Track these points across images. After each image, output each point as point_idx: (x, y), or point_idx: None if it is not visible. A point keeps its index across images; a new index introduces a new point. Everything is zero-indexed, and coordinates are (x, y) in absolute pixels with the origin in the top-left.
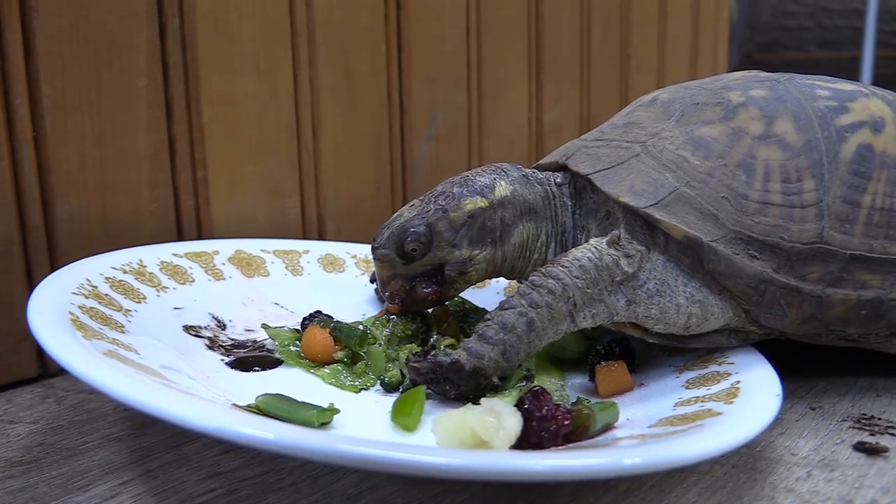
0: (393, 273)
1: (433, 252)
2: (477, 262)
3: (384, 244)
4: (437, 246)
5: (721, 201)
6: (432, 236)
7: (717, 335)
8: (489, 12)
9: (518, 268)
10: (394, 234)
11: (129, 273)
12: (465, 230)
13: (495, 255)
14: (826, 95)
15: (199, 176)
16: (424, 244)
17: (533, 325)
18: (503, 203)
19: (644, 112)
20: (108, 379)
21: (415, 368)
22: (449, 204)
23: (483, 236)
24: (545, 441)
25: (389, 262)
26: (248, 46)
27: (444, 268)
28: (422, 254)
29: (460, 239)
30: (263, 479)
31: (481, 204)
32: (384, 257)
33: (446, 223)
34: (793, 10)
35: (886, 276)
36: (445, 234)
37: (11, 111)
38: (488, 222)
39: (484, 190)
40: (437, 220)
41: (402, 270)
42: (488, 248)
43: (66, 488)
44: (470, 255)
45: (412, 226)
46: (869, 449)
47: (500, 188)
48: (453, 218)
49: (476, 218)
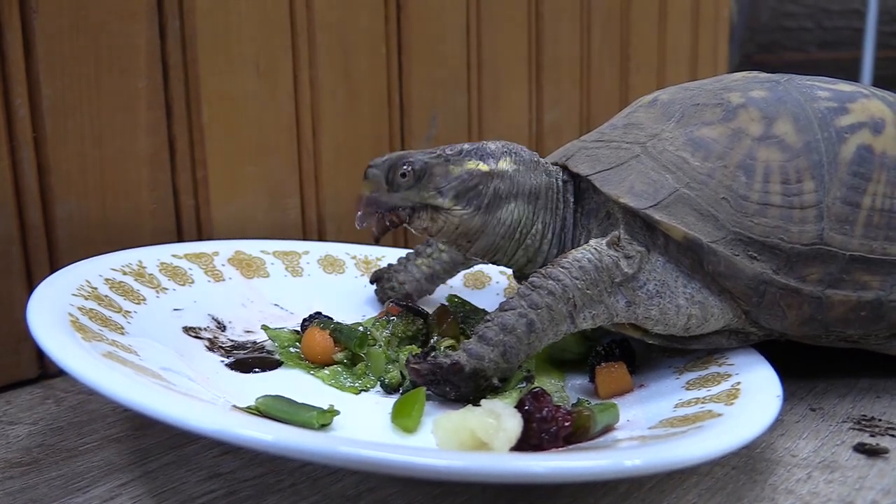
0: (374, 197)
1: (418, 189)
2: (452, 216)
3: (378, 165)
4: (424, 185)
5: (721, 202)
6: (425, 174)
7: (716, 336)
8: (489, 13)
9: (503, 248)
10: (391, 159)
11: (129, 274)
12: (456, 183)
13: (473, 220)
14: (826, 96)
15: (199, 176)
16: (414, 176)
17: (533, 327)
18: (502, 175)
19: (644, 113)
20: (107, 381)
21: (415, 370)
22: (453, 156)
23: (471, 197)
24: (545, 442)
25: (375, 183)
26: (248, 47)
27: (419, 210)
28: (407, 185)
29: (449, 189)
30: (263, 481)
31: (482, 168)
32: (373, 176)
33: (443, 170)
34: (793, 11)
35: (886, 278)
36: (438, 178)
37: (11, 112)
38: (481, 186)
39: (489, 158)
40: (436, 163)
41: (384, 197)
42: (470, 210)
43: (66, 489)
44: (450, 207)
45: (412, 157)
46: (869, 450)
47: (505, 162)
48: (451, 169)
49: (472, 177)
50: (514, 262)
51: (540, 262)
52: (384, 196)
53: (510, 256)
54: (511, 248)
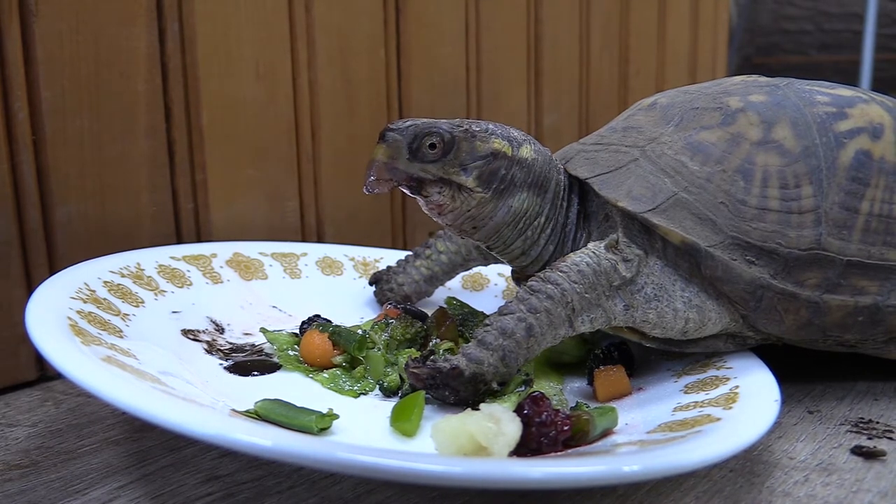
0: (391, 163)
1: (443, 163)
2: (472, 198)
3: (402, 129)
4: (451, 160)
5: (719, 206)
6: (454, 147)
7: (714, 340)
8: (488, 17)
9: (504, 236)
10: (418, 125)
11: (128, 277)
12: (481, 163)
13: (488, 204)
14: (825, 101)
15: (199, 179)
16: (442, 149)
17: (532, 331)
18: (521, 163)
19: (643, 116)
20: (106, 386)
21: (414, 374)
22: (480, 133)
23: (491, 179)
24: (544, 446)
25: (395, 149)
26: (247, 50)
27: (437, 186)
28: (433, 157)
29: (473, 168)
30: (261, 483)
31: (506, 150)
32: (394, 141)
33: (470, 146)
34: (792, 14)
35: (884, 283)
36: (465, 154)
37: (11, 115)
38: (502, 170)
39: (513, 141)
40: (464, 138)
41: (401, 164)
42: (489, 193)
43: (65, 492)
44: (472, 187)
45: (442, 126)
46: (866, 453)
47: (526, 150)
48: (478, 146)
49: (495, 158)
50: (509, 252)
51: (534, 255)
52: (402, 164)
53: (507, 245)
54: (511, 237)
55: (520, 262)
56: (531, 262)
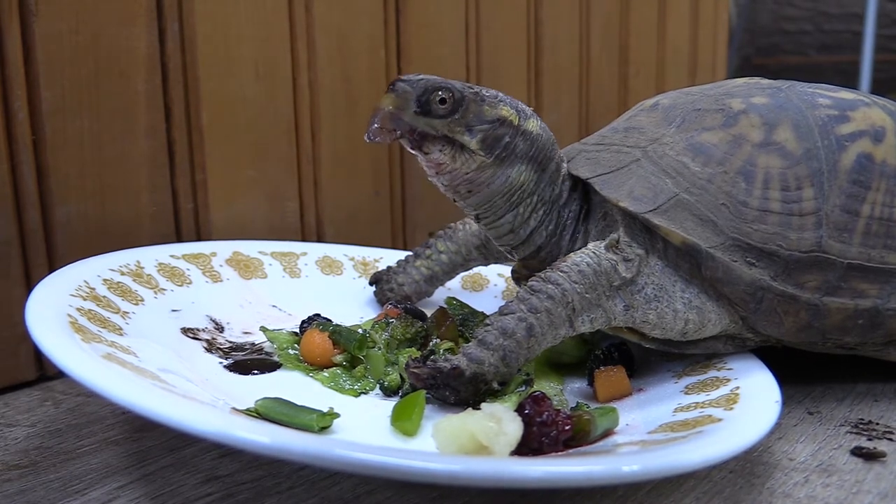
0: (397, 114)
1: (450, 120)
2: (472, 160)
3: (413, 82)
4: (457, 119)
5: (720, 208)
6: (462, 106)
7: (713, 341)
8: (488, 17)
9: (496, 207)
10: (429, 80)
11: (127, 275)
12: (486, 126)
13: (487, 169)
14: (827, 104)
15: (198, 179)
16: (451, 106)
17: (532, 331)
18: (526, 134)
19: (645, 117)
20: (106, 383)
21: (415, 374)
22: (489, 98)
23: (495, 146)
24: (546, 446)
25: (403, 100)
26: (247, 50)
27: (439, 144)
28: (441, 113)
29: (478, 130)
30: (261, 484)
31: (512, 118)
32: (403, 92)
33: (478, 108)
34: (792, 14)
35: (884, 286)
36: (472, 115)
37: (11, 115)
38: (506, 138)
39: (521, 112)
40: (474, 99)
41: (407, 116)
42: (490, 158)
43: (64, 492)
44: (474, 149)
45: (454, 84)
46: (866, 454)
47: (532, 123)
48: (486, 110)
49: (501, 125)
50: (499, 226)
51: (522, 235)
52: (408, 116)
53: (498, 217)
54: (503, 209)
55: (508, 240)
56: (520, 243)
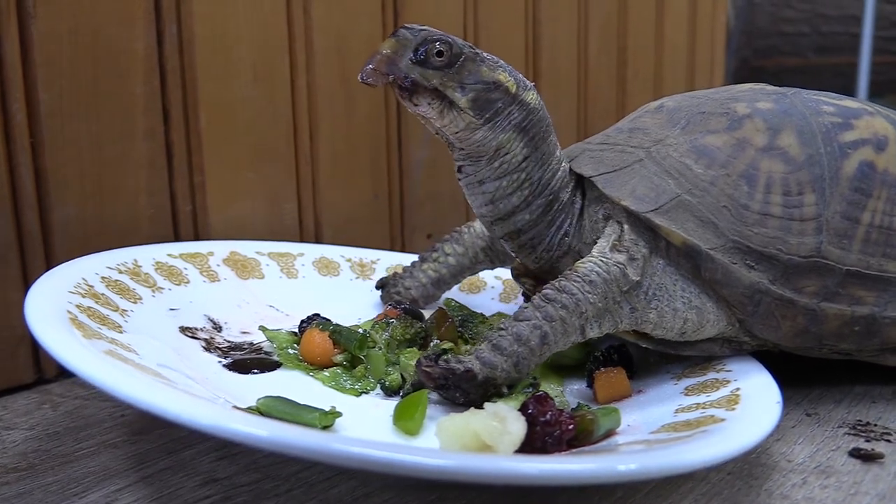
0: (394, 58)
1: (444, 74)
2: (461, 116)
3: (415, 31)
4: (451, 74)
5: (721, 210)
6: (458, 63)
7: (710, 344)
8: (486, 18)
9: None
10: (430, 31)
11: (125, 273)
12: (480, 87)
13: (476, 132)
14: (831, 111)
15: (197, 182)
16: (447, 59)
17: (546, 339)
18: (522, 104)
19: (650, 118)
20: (110, 378)
21: (426, 373)
22: (489, 60)
23: (486, 108)
24: (549, 446)
25: (403, 46)
26: (245, 52)
27: (429, 97)
28: (436, 65)
29: (470, 90)
30: (259, 486)
31: (509, 85)
32: (404, 39)
33: (474, 67)
34: (790, 16)
35: (881, 294)
36: (466, 74)
37: (9, 117)
38: (499, 103)
39: (520, 82)
40: (471, 59)
41: (402, 63)
42: (479, 120)
43: (62, 495)
44: (463, 107)
45: (453, 39)
46: (864, 455)
47: (531, 95)
48: (483, 70)
49: (496, 89)
50: (481, 193)
51: (502, 211)
52: (403, 63)
53: (480, 183)
54: (487, 176)
55: (487, 211)
56: (498, 219)
